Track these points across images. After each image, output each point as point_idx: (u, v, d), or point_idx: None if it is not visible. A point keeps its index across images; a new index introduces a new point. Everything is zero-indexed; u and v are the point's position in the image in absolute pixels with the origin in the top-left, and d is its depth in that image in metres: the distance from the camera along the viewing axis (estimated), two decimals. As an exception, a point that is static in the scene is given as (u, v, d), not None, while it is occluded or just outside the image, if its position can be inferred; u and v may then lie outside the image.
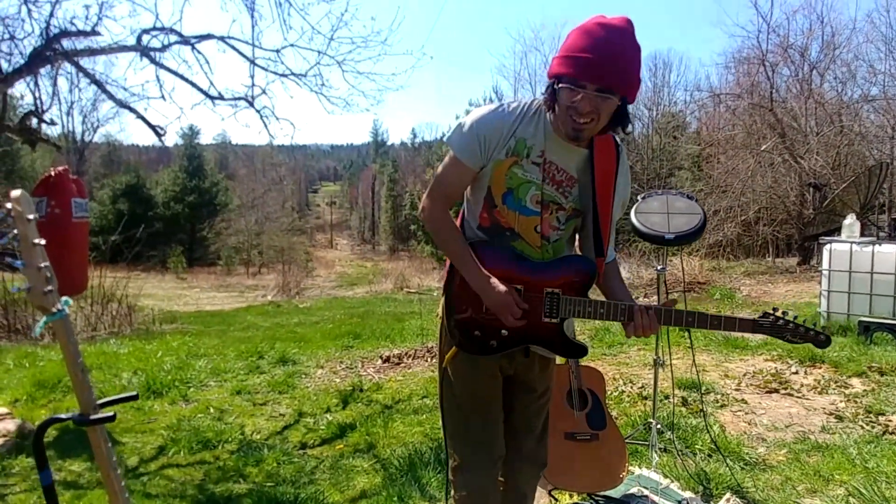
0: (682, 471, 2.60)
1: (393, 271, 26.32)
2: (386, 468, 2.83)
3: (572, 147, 1.55)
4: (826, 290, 6.28)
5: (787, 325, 1.52)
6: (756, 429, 3.34)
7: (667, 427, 3.02)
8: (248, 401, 4.39)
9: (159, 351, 6.18)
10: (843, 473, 2.60)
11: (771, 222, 17.91)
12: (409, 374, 5.28)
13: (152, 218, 29.05)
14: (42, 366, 5.48)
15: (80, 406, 1.17)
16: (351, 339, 7.11)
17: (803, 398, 3.95)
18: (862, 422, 3.40)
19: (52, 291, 1.15)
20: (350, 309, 12.89)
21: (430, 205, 1.62)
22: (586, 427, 2.37)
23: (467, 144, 1.55)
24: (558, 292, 1.56)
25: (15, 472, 3.03)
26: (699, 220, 2.28)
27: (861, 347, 5.11)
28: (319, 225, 60.07)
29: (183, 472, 2.98)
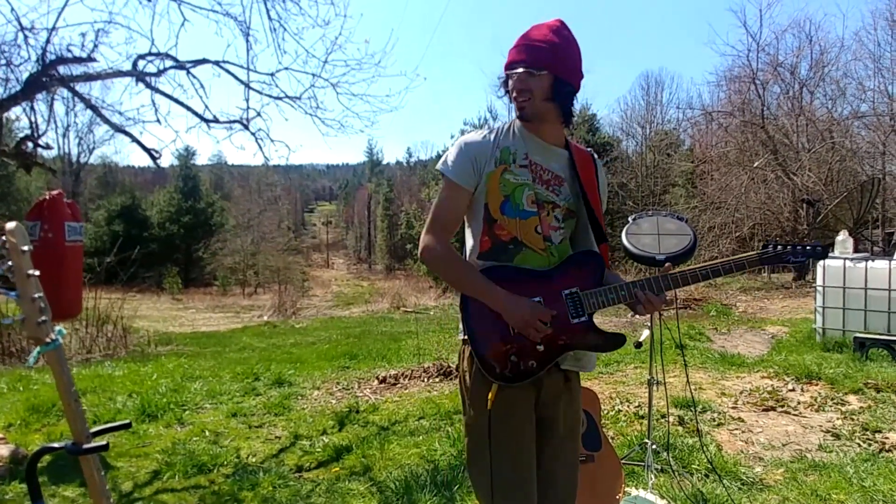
0: (679, 492, 2.59)
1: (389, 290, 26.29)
2: (382, 491, 2.82)
3: (552, 148, 1.65)
4: (821, 306, 6.32)
5: (786, 248, 1.60)
6: (753, 447, 3.34)
7: (663, 447, 3.02)
8: (243, 423, 4.37)
9: (154, 373, 6.14)
10: (841, 493, 2.60)
11: (765, 238, 18.04)
12: (405, 394, 5.26)
13: (148, 239, 29.00)
14: (36, 389, 5.44)
15: (73, 435, 1.18)
16: (347, 359, 7.09)
17: (800, 416, 3.96)
18: (859, 439, 3.40)
19: (46, 322, 1.16)
20: (346, 329, 12.87)
21: (430, 240, 1.61)
22: (581, 448, 2.37)
23: (460, 166, 1.61)
24: (577, 290, 1.57)
25: (9, 497, 3.00)
26: (689, 240, 2.31)
27: (857, 364, 5.13)
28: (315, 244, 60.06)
29: (177, 497, 2.95)
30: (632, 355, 6.32)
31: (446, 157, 1.64)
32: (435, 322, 12.76)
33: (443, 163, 1.64)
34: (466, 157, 1.61)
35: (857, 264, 6.08)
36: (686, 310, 11.74)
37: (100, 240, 27.26)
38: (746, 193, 17.08)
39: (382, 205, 49.19)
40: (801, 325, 7.90)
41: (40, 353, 1.15)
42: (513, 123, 1.67)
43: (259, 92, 4.78)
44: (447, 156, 1.64)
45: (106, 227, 28.97)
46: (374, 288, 33.85)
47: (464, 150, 1.62)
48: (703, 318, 9.41)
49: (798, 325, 8.14)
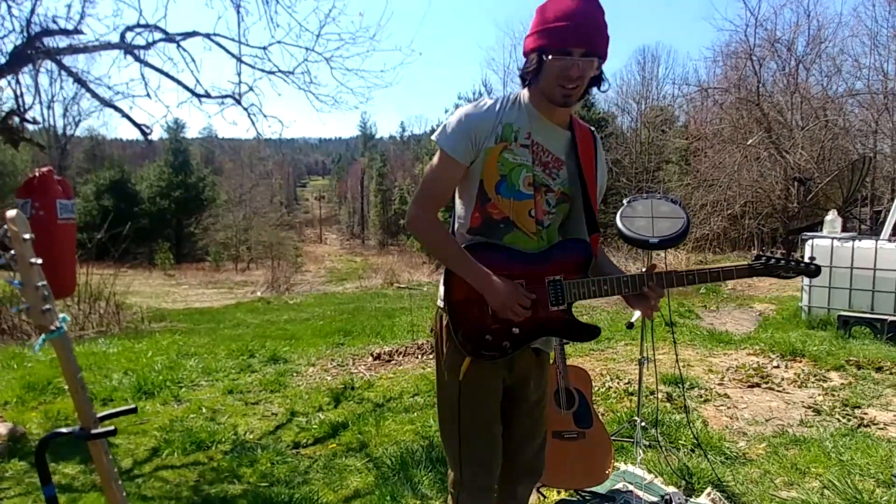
0: (666, 466, 2.68)
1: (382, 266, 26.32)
2: (378, 467, 2.89)
3: (556, 128, 1.59)
4: (807, 284, 6.42)
5: (780, 262, 1.59)
6: (737, 423, 3.44)
7: (651, 424, 3.10)
8: (240, 400, 4.43)
9: (149, 350, 6.18)
10: (819, 466, 2.70)
11: (756, 216, 18.16)
12: (399, 371, 5.33)
13: (138, 214, 28.76)
14: (30, 367, 5.47)
15: (81, 421, 1.21)
16: (342, 336, 7.14)
17: (783, 392, 4.07)
18: (839, 415, 3.51)
19: (51, 310, 1.18)
20: (340, 305, 12.90)
21: (418, 212, 1.60)
22: (573, 426, 2.44)
23: (458, 140, 1.55)
24: (560, 278, 1.57)
25: (8, 475, 3.05)
26: (683, 224, 2.35)
27: (840, 342, 5.25)
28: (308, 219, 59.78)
29: (177, 474, 3.01)
30: (622, 333, 6.41)
31: (444, 128, 1.58)
32: (428, 298, 12.83)
33: (440, 133, 1.58)
34: (465, 131, 1.54)
35: (844, 244, 6.17)
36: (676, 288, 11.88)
37: (89, 214, 26.97)
38: (739, 171, 17.15)
39: (376, 180, 48.93)
40: (787, 303, 8.03)
41: (46, 339, 1.17)
42: (519, 96, 1.60)
43: (251, 66, 4.73)
44: (445, 126, 1.58)
45: (95, 201, 28.66)
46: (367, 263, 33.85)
47: (463, 123, 1.54)
48: (693, 295, 9.52)
49: (785, 302, 8.27)
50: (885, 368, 4.38)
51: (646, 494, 2.48)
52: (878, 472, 2.59)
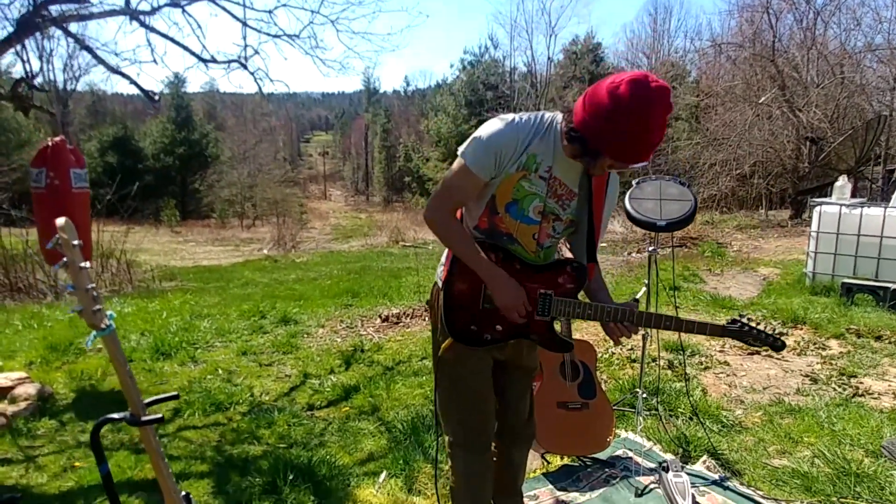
0: (664, 434, 2.81)
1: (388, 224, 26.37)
2: (390, 430, 3.03)
3: (575, 164, 1.62)
4: (813, 251, 6.46)
5: (751, 331, 1.67)
6: (736, 391, 3.56)
7: (652, 392, 3.22)
8: (253, 361, 4.57)
9: (163, 311, 6.33)
10: (812, 436, 2.82)
11: (766, 175, 17.99)
12: (407, 333, 5.46)
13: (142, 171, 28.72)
14: (50, 327, 5.64)
15: (131, 407, 1.31)
16: (350, 297, 7.26)
17: (782, 360, 4.17)
18: (835, 384, 3.62)
19: (100, 309, 1.26)
20: (347, 264, 13.03)
21: (437, 211, 1.67)
22: (577, 397, 2.55)
23: (482, 158, 1.59)
24: (551, 294, 1.68)
25: (40, 433, 3.21)
26: (690, 206, 2.39)
27: (841, 309, 5.33)
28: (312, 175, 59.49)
29: (199, 434, 3.17)
30: (627, 298, 6.52)
31: (472, 142, 1.61)
32: (434, 257, 12.94)
33: (467, 146, 1.62)
34: (490, 152, 1.58)
35: (852, 210, 6.17)
36: (682, 248, 11.92)
37: (94, 171, 26.90)
38: (750, 130, 16.88)
39: (380, 136, 48.38)
40: (792, 268, 8.09)
41: (97, 337, 1.26)
42: (549, 127, 1.61)
43: (257, 30, 4.67)
44: (473, 143, 1.61)
45: (99, 158, 28.57)
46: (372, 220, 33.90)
47: (490, 145, 1.58)
48: (698, 258, 9.58)
49: (790, 267, 8.33)
50: (884, 337, 4.47)
51: (644, 461, 2.61)
52: (867, 443, 2.70)
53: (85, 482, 2.60)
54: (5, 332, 5.44)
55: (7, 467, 2.79)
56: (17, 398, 3.55)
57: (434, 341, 1.84)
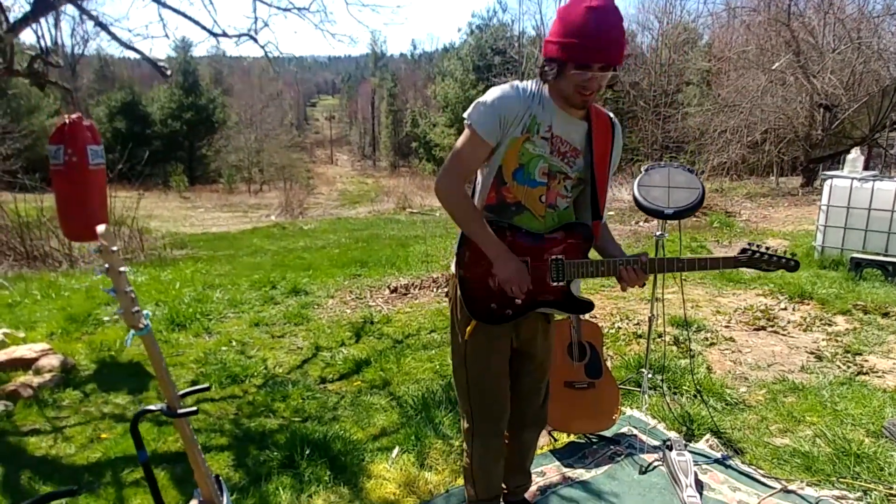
0: (669, 412, 2.88)
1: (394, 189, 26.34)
2: (401, 406, 3.12)
3: (575, 121, 1.70)
4: (823, 224, 6.43)
5: (762, 256, 1.73)
6: (740, 368, 3.61)
7: (658, 370, 3.29)
8: (266, 333, 4.68)
9: (176, 281, 6.44)
10: (814, 415, 2.88)
11: (778, 142, 17.72)
12: (416, 305, 5.54)
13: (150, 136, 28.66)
14: (68, 297, 5.76)
15: (167, 400, 1.38)
16: (358, 267, 7.34)
17: (788, 336, 4.22)
18: (839, 361, 3.67)
19: (139, 311, 1.32)
20: (354, 232, 13.10)
21: (447, 181, 1.72)
22: (584, 377, 2.62)
23: (488, 122, 1.65)
24: (562, 258, 1.74)
25: (65, 404, 3.33)
26: (698, 194, 2.40)
27: (850, 284, 5.34)
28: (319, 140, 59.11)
29: (217, 407, 3.28)
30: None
31: (476, 106, 1.68)
32: (441, 225, 12.97)
33: (472, 111, 1.69)
34: (495, 115, 1.65)
35: (863, 184, 6.12)
36: (690, 218, 11.89)
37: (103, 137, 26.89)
38: (762, 97, 16.56)
39: (387, 100, 47.79)
40: (801, 240, 8.06)
41: (135, 336, 1.32)
42: (541, 90, 1.68)
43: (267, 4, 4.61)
44: (477, 108, 1.68)
45: (108, 123, 28.51)
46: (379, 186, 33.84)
47: (495, 107, 1.65)
48: (706, 229, 9.56)
49: (799, 239, 8.30)
50: (891, 314, 4.49)
51: (649, 438, 2.69)
52: (868, 423, 2.76)
53: (112, 453, 2.71)
54: (25, 302, 5.57)
55: (37, 438, 2.91)
56: (41, 370, 3.67)
57: (453, 333, 1.89)
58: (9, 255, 8.34)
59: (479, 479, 1.97)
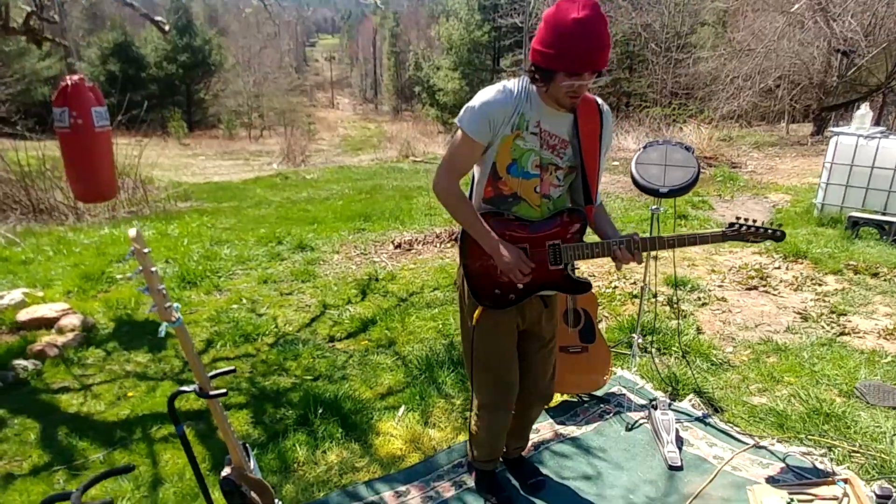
0: (656, 373, 3.07)
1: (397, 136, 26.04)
2: (406, 366, 3.32)
3: (561, 114, 1.80)
4: (825, 182, 6.48)
5: (749, 229, 1.86)
6: (729, 328, 3.79)
7: (649, 331, 3.46)
8: (275, 290, 4.85)
9: (184, 237, 6.58)
10: (793, 375, 3.06)
11: (791, 88, 17.37)
12: (419, 261, 5.69)
13: (146, 80, 28.11)
14: (80, 253, 5.92)
15: (199, 382, 1.53)
16: (362, 221, 7.45)
17: (778, 295, 4.37)
18: (824, 322, 3.83)
19: (171, 306, 1.46)
20: (357, 182, 13.12)
21: (443, 180, 1.85)
22: (578, 341, 2.79)
23: (478, 125, 1.76)
24: (559, 243, 1.87)
25: (90, 363, 3.54)
26: (693, 173, 2.48)
27: (844, 243, 5.45)
28: (319, 82, 57.84)
29: (234, 366, 3.48)
30: (635, 223, 6.67)
31: (466, 111, 1.77)
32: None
33: (463, 115, 1.78)
34: (484, 117, 1.75)
35: (869, 141, 6.12)
36: (694, 168, 11.85)
37: (97, 80, 26.40)
38: (778, 40, 16.11)
39: (389, 41, 46.45)
40: (803, 195, 8.12)
41: (167, 328, 1.46)
42: (529, 89, 1.77)
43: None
44: (467, 112, 1.77)
45: (101, 66, 27.90)
46: (381, 131, 33.42)
47: (484, 111, 1.74)
48: (709, 182, 9.58)
49: (801, 194, 8.35)
50: (881, 275, 4.63)
51: (636, 397, 2.89)
52: (843, 383, 2.95)
53: (139, 411, 2.93)
54: (38, 259, 5.74)
55: (68, 395, 3.13)
56: (63, 329, 3.86)
57: (462, 318, 2.04)
58: (15, 208, 8.45)
59: (484, 446, 2.17)
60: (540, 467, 2.37)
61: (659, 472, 2.35)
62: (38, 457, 2.59)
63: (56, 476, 2.44)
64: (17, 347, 3.64)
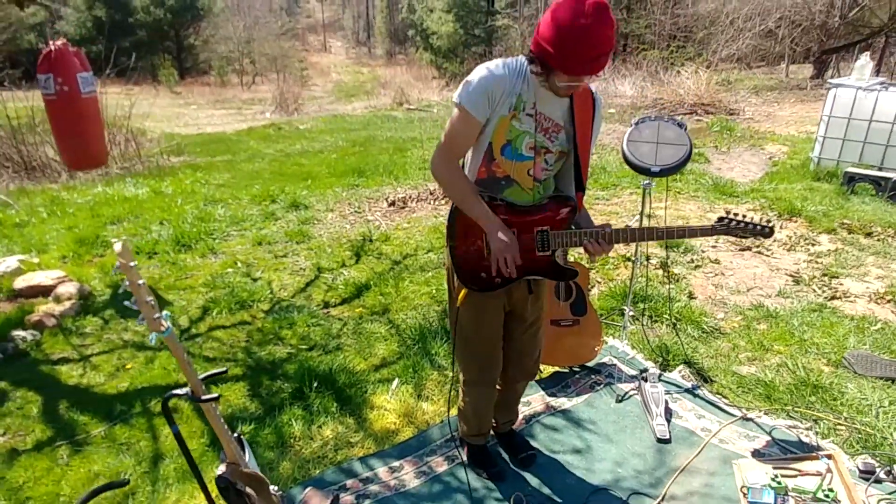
0: (647, 344, 3.11)
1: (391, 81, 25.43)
2: (400, 335, 3.35)
3: (557, 98, 1.76)
4: (822, 135, 6.39)
5: (738, 224, 1.87)
6: (721, 292, 3.82)
7: (641, 298, 3.49)
8: (269, 253, 4.85)
9: (178, 196, 6.52)
10: (782, 344, 3.11)
11: (792, 30, 16.86)
12: (413, 220, 5.67)
13: (133, 26, 27.11)
14: (73, 215, 5.88)
15: (191, 387, 1.55)
16: (356, 176, 7.38)
17: (771, 257, 4.39)
18: (816, 285, 3.86)
19: (160, 316, 1.45)
20: (351, 132, 12.90)
21: (441, 161, 1.83)
22: (569, 314, 2.81)
23: (476, 99, 1.72)
24: (547, 229, 1.86)
25: (88, 331, 3.58)
26: (685, 151, 2.43)
27: (840, 200, 5.43)
28: (311, 25, 55.91)
29: (229, 334, 3.52)
30: (629, 178, 6.61)
31: (465, 86, 1.73)
32: (438, 125, 12.75)
33: (461, 91, 1.74)
34: (483, 92, 1.71)
35: (867, 94, 5.99)
36: (692, 116, 11.65)
37: (83, 27, 25.54)
38: (782, -23, 15.53)
39: (381, -21, 44.57)
40: (801, 146, 8.02)
41: (157, 337, 1.46)
42: (526, 71, 1.73)
43: None
44: (465, 87, 1.73)
45: (87, 12, 26.81)
46: (374, 76, 32.60)
47: (482, 86, 1.71)
48: (706, 133, 9.44)
49: (798, 145, 8.25)
50: (874, 234, 4.63)
51: (627, 368, 2.94)
52: (831, 352, 3.00)
53: (138, 383, 2.98)
54: (32, 221, 5.69)
55: (68, 367, 3.18)
56: (60, 297, 3.88)
57: (450, 297, 2.05)
58: (7, 166, 8.31)
59: (472, 420, 2.24)
60: (531, 441, 2.43)
61: (648, 444, 2.42)
62: (40, 431, 2.65)
63: (59, 451, 2.51)
64: (16, 318, 3.66)
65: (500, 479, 2.26)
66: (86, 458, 2.47)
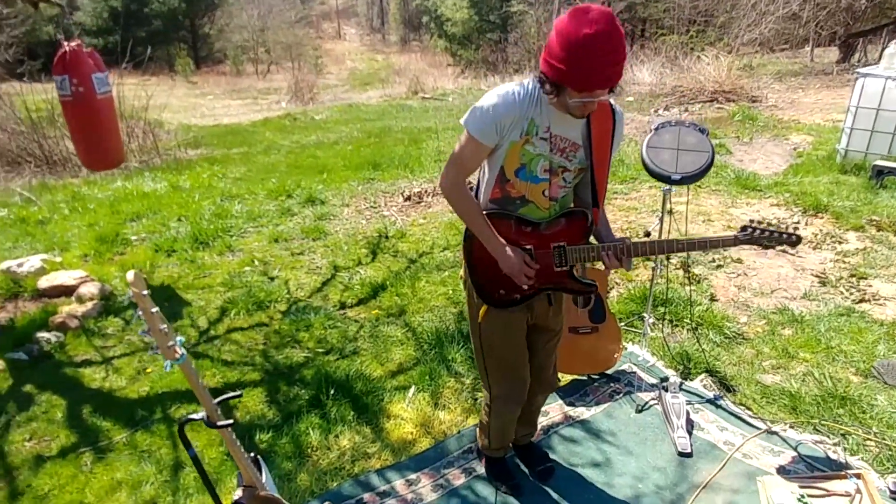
0: (667, 351, 3.06)
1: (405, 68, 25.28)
2: (417, 339, 3.34)
3: (571, 119, 1.72)
4: (849, 127, 6.20)
5: (763, 233, 1.81)
6: (744, 294, 3.73)
7: (661, 302, 3.42)
8: (286, 250, 4.86)
9: (195, 192, 6.55)
10: (808, 351, 3.03)
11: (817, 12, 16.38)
12: (429, 215, 5.64)
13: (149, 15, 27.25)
14: (94, 211, 5.94)
15: (206, 412, 1.54)
16: (371, 169, 7.36)
17: (796, 256, 4.28)
18: (843, 287, 3.75)
19: (174, 343, 1.44)
20: (366, 122, 12.88)
21: (449, 179, 1.82)
22: (588, 322, 2.77)
23: (484, 128, 1.71)
24: (564, 244, 1.84)
25: (109, 332, 3.62)
26: (707, 158, 2.36)
27: (868, 194, 5.27)
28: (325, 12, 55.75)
29: (247, 336, 3.53)
30: (649, 173, 6.49)
31: (473, 112, 1.72)
32: (454, 114, 12.65)
33: (469, 116, 1.73)
34: (491, 121, 1.69)
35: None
36: (712, 104, 11.41)
37: (99, 17, 25.71)
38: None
39: (395, -36, 44.13)
40: (826, 137, 7.80)
41: (173, 365, 1.46)
42: (539, 96, 1.69)
43: None
44: (472, 113, 1.72)
45: (103, 2, 27.01)
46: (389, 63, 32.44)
47: (491, 115, 1.69)
48: (727, 122, 9.23)
49: (824, 134, 8.02)
50: (904, 231, 4.50)
51: (647, 376, 2.89)
52: (860, 361, 2.91)
53: (158, 388, 3.01)
54: (54, 219, 5.76)
55: (91, 369, 3.22)
56: (83, 298, 3.92)
57: (470, 314, 2.02)
58: (29, 160, 8.42)
59: (495, 435, 2.22)
60: (549, 453, 2.41)
61: (668, 458, 2.38)
62: (65, 437, 2.69)
63: (83, 458, 2.54)
64: (40, 319, 3.71)
65: (518, 492, 2.24)
66: (109, 465, 2.50)
